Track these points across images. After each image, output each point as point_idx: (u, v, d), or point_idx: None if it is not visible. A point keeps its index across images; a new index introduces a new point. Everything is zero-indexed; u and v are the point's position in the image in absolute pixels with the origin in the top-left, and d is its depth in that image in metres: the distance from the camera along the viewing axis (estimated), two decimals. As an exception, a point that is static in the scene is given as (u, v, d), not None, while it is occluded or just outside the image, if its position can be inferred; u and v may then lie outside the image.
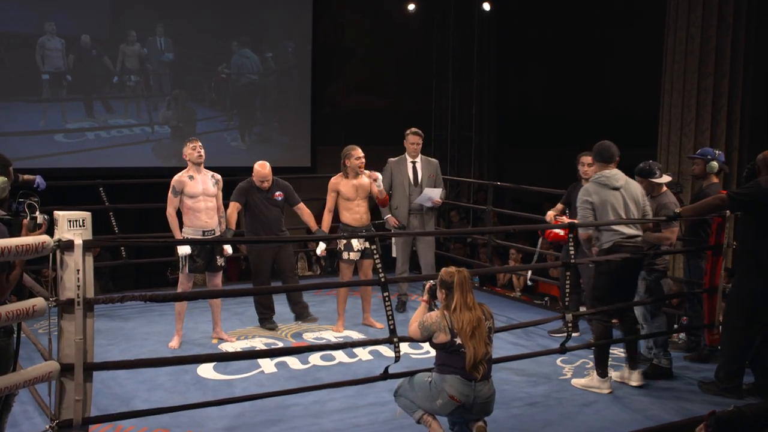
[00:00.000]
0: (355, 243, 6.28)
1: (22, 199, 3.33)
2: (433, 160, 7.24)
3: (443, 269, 4.17)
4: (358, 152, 6.34)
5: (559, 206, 6.35)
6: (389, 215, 6.94)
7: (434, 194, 7.00)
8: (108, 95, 10.32)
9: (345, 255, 6.34)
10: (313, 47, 11.32)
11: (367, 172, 6.35)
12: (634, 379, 5.17)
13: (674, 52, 8.38)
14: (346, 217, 6.37)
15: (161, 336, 6.16)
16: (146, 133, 10.57)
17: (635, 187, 5.14)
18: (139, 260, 8.88)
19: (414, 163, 7.07)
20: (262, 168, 6.29)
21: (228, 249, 6.09)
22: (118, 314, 6.77)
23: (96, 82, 10.23)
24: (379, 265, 4.43)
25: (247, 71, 11.13)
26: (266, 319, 6.47)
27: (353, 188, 6.35)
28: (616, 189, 5.02)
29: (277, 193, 6.35)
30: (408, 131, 7.05)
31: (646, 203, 5.18)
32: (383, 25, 12.17)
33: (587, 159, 6.04)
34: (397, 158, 7.11)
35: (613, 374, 5.25)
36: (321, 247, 6.51)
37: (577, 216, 5.11)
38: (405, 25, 12.46)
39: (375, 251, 4.48)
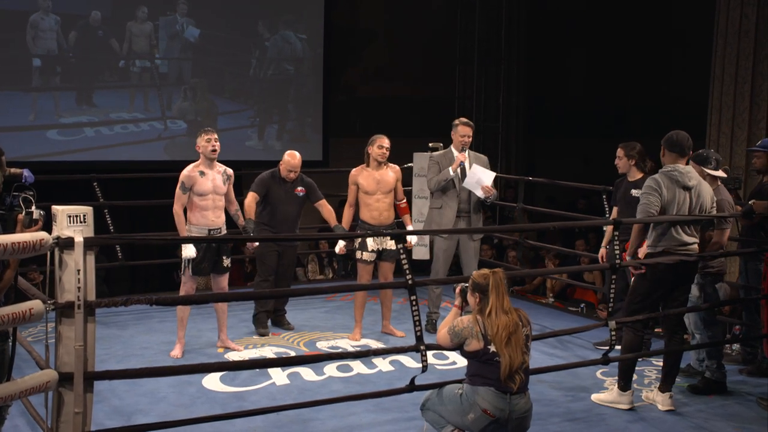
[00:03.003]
0: (370, 242, 6.27)
1: (16, 193, 3.33)
2: (483, 156, 6.81)
3: (475, 271, 4.16)
4: (383, 141, 6.33)
5: (609, 230, 5.90)
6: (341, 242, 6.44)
7: (485, 177, 6.43)
8: (111, 84, 9.86)
9: (359, 254, 6.35)
10: (325, 28, 11.26)
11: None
12: (664, 403, 5.05)
13: (726, 33, 8.31)
14: (364, 213, 6.38)
15: (162, 345, 6.18)
16: (158, 130, 10.18)
17: (706, 191, 4.95)
18: (136, 262, 8.90)
19: None
20: (291, 158, 6.38)
21: (254, 243, 6.30)
22: (114, 321, 6.79)
23: (97, 69, 9.79)
24: (407, 267, 4.41)
25: (269, 56, 10.90)
26: (260, 321, 6.54)
27: (374, 181, 6.34)
28: (688, 189, 4.86)
29: (299, 188, 6.45)
30: (457, 121, 6.62)
31: (714, 210, 5.01)
32: (403, 4, 12.13)
33: (619, 151, 6.04)
34: (441, 152, 6.74)
35: (643, 394, 5.23)
36: (340, 245, 6.45)
37: (639, 204, 4.93)
38: (427, 5, 12.43)
39: (401, 251, 4.46)
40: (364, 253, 6.32)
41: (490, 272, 4.08)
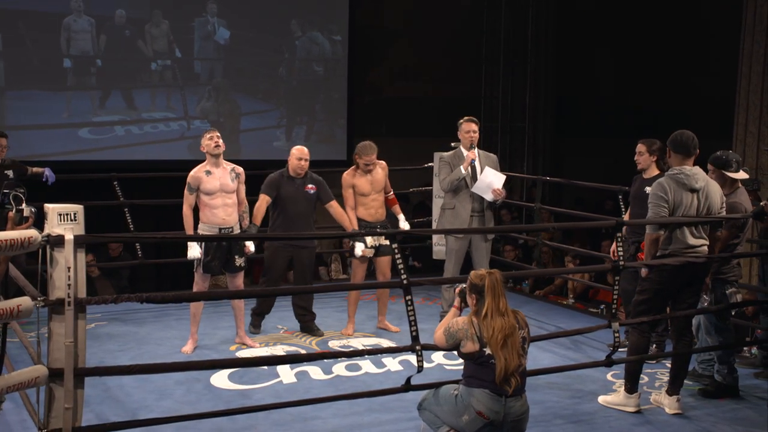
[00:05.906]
0: (368, 238, 6.28)
1: (7, 191, 3.36)
2: (492, 155, 6.78)
3: (472, 272, 4.11)
4: (372, 158, 6.33)
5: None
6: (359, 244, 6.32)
7: (495, 180, 6.40)
8: (141, 84, 10.04)
9: (357, 251, 6.35)
10: (350, 29, 11.24)
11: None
12: (671, 406, 4.92)
13: (754, 31, 8.12)
14: (360, 211, 6.41)
15: (176, 341, 6.21)
16: (182, 128, 10.32)
17: (715, 191, 4.82)
18: (158, 260, 8.96)
19: None
20: (299, 151, 6.30)
21: (250, 247, 6.06)
22: (131, 318, 6.85)
23: (129, 69, 9.95)
24: (401, 266, 4.37)
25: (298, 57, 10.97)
26: (307, 323, 6.50)
27: (368, 182, 6.41)
28: (695, 191, 4.74)
29: (310, 186, 6.35)
30: (462, 120, 6.64)
31: (723, 212, 4.88)
32: (428, 3, 12.06)
33: (641, 147, 5.93)
34: (451, 152, 6.69)
35: (651, 397, 5.11)
36: (360, 247, 6.32)
37: (649, 213, 4.82)
38: (452, 4, 12.33)
39: (396, 251, 4.42)
40: (363, 249, 6.34)
41: (486, 273, 4.03)
